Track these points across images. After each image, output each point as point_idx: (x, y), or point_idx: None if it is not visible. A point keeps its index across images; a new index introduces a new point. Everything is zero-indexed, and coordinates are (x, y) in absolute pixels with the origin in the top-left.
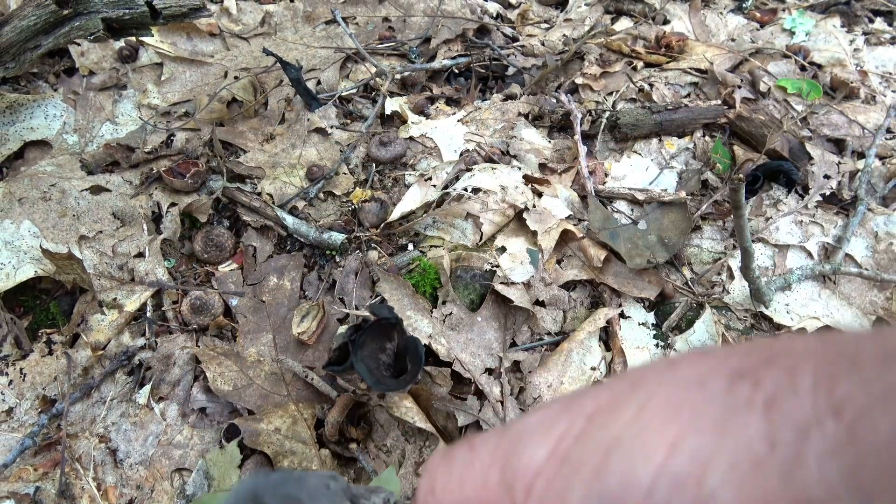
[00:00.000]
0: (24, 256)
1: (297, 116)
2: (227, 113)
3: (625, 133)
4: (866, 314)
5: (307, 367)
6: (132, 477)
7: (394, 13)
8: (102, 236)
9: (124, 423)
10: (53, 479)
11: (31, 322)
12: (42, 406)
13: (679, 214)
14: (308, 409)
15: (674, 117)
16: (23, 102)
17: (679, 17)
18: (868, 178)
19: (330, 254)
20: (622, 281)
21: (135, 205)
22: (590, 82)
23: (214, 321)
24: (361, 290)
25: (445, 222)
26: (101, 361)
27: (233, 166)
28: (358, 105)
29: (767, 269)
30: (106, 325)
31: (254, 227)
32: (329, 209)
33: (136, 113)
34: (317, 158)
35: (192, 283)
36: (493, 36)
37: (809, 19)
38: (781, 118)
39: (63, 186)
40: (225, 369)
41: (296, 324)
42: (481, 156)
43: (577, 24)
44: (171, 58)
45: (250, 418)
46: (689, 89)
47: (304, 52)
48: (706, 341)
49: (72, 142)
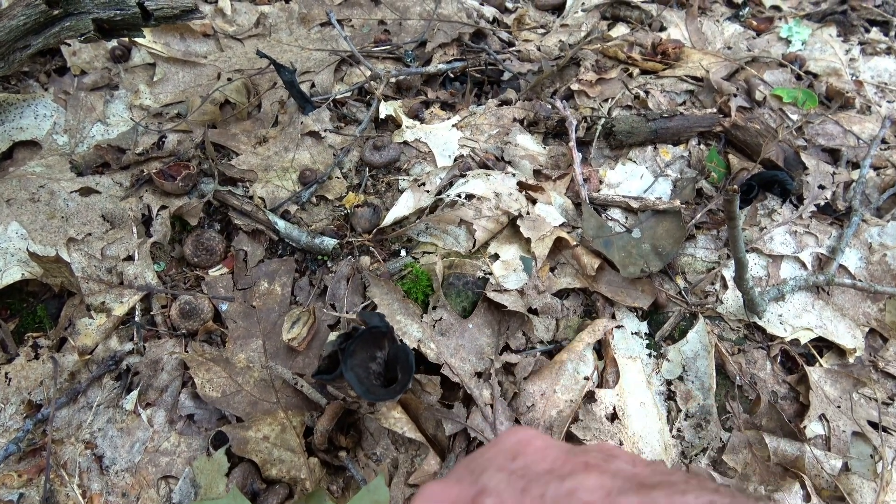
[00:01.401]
0: (11, 259)
1: (290, 119)
2: (220, 115)
3: (620, 140)
4: (859, 325)
5: (297, 373)
6: (118, 484)
7: (390, 16)
8: (91, 239)
9: (111, 429)
10: (38, 485)
11: (17, 325)
12: (27, 411)
13: (673, 223)
14: (297, 417)
15: (669, 125)
16: (12, 102)
17: (676, 25)
18: (863, 188)
19: (322, 259)
20: (615, 290)
21: (124, 207)
22: (585, 89)
23: (204, 326)
24: (353, 296)
25: (439, 228)
26: (88, 366)
27: (224, 169)
28: (352, 108)
29: (761, 279)
30: (93, 329)
31: (245, 231)
32: (321, 214)
33: (128, 114)
34: (310, 162)
35: (182, 288)
36: (489, 40)
37: (806, 28)
38: (777, 127)
39: (52, 188)
40: (213, 375)
41: (286, 330)
42: (475, 161)
43: (574, 29)
44: (163, 58)
45: (239, 426)
46: (685, 97)
47: (299, 55)
48: (699, 351)
49: (62, 142)
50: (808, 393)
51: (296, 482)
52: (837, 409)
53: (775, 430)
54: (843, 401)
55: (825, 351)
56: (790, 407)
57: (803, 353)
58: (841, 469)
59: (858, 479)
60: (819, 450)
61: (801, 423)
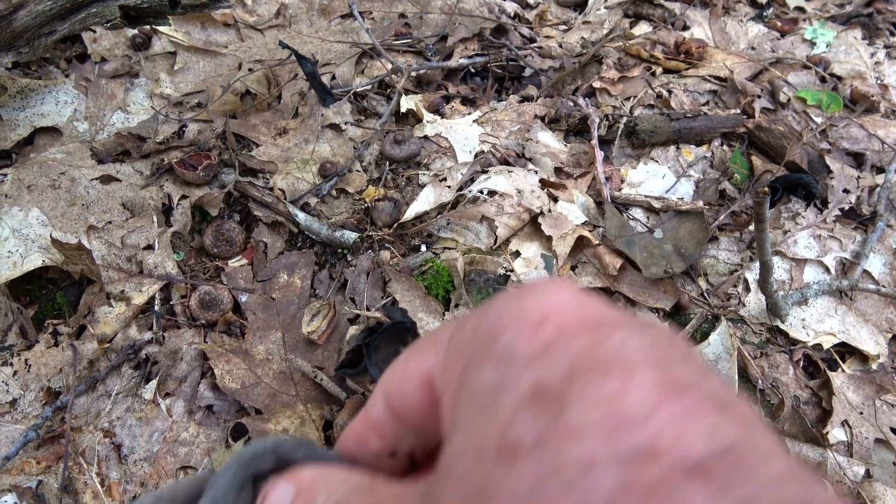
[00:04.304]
0: (32, 245)
1: (310, 111)
2: (241, 105)
3: (642, 139)
4: (882, 331)
5: (316, 367)
6: (136, 473)
7: (410, 9)
8: (111, 227)
9: (129, 418)
10: (56, 472)
11: (36, 312)
12: (46, 398)
13: (696, 224)
14: (316, 410)
15: (692, 125)
16: (34, 88)
17: (699, 24)
18: (888, 193)
19: (341, 252)
20: (637, 290)
21: (145, 196)
22: (607, 87)
23: (223, 317)
24: (373, 291)
25: (460, 224)
26: (108, 354)
27: (245, 160)
28: (372, 102)
29: (784, 282)
30: (113, 317)
31: (265, 222)
32: (341, 207)
33: (148, 102)
34: (330, 155)
35: (202, 278)
36: (510, 36)
37: (830, 30)
38: (801, 130)
39: (73, 175)
40: (233, 367)
41: (306, 322)
42: (496, 157)
43: (596, 26)
44: (184, 47)
45: (258, 418)
46: (708, 97)
47: (319, 46)
48: (721, 354)
49: (82, 129)
50: (831, 398)
51: None
52: (860, 415)
53: (797, 434)
54: (865, 407)
55: (847, 356)
56: (812, 412)
57: (825, 359)
58: (863, 476)
59: (881, 486)
60: (841, 456)
61: (824, 429)
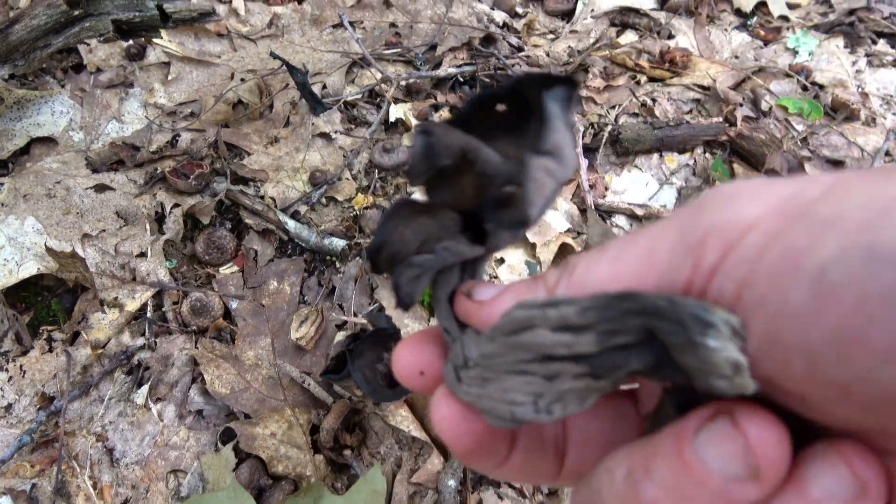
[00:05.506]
0: (28, 253)
1: (301, 120)
2: (233, 114)
3: (626, 147)
4: None
5: (304, 372)
6: (128, 476)
7: (401, 19)
8: (105, 235)
9: (122, 423)
10: (50, 476)
11: (32, 318)
12: (41, 403)
13: None
14: (304, 415)
15: (675, 133)
16: (30, 98)
17: (684, 33)
18: None
19: (330, 259)
20: None
21: (138, 204)
22: (593, 95)
23: (214, 323)
24: (360, 297)
25: None
26: (101, 360)
27: (237, 168)
28: (362, 111)
29: None
30: (106, 323)
31: (255, 230)
32: (331, 214)
33: (142, 112)
34: (320, 163)
35: (193, 285)
36: (498, 45)
37: (813, 39)
38: (782, 138)
39: (68, 184)
40: (223, 372)
41: (294, 329)
42: None
43: (583, 35)
44: (178, 57)
45: (246, 422)
46: (692, 105)
47: (311, 56)
48: None
49: (77, 139)
50: None
51: (301, 478)
52: None
53: None
54: None
55: None
56: None
57: None
58: None
59: None
60: None
61: None
